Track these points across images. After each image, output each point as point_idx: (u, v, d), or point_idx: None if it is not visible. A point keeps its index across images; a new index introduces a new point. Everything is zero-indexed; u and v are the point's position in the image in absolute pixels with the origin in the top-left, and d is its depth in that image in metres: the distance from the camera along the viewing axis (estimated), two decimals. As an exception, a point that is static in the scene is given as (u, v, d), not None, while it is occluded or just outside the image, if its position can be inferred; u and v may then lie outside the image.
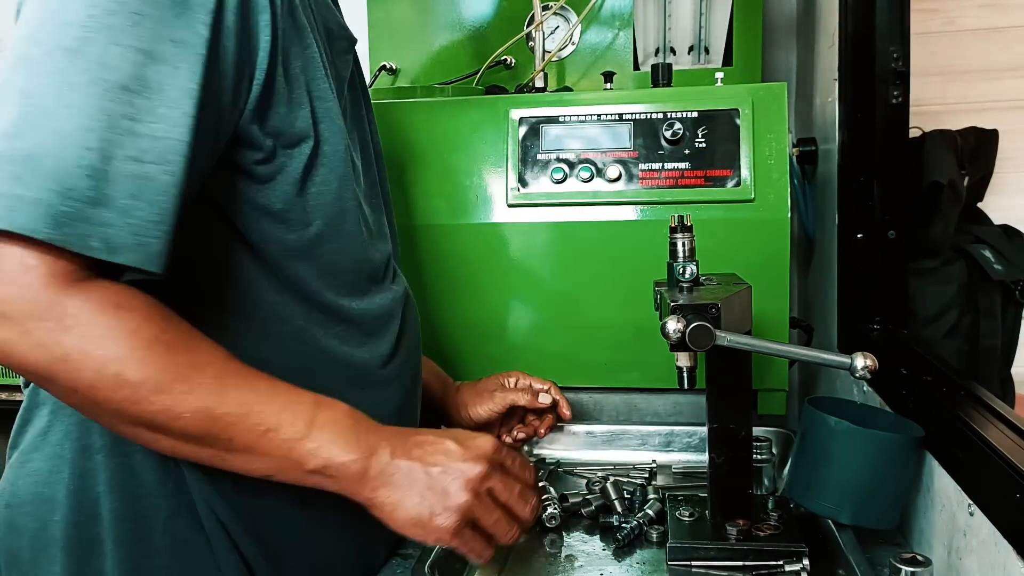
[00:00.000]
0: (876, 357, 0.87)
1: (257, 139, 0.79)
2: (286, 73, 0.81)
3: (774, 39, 1.79)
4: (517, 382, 1.26)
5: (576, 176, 1.29)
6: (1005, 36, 1.94)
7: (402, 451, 0.80)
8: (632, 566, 0.98)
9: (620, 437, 1.31)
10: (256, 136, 0.79)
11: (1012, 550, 0.69)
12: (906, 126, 1.21)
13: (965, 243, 1.55)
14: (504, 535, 0.84)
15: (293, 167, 0.82)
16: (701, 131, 1.27)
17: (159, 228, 0.70)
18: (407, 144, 1.35)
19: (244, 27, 0.75)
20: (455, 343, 1.35)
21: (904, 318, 1.25)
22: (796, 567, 0.90)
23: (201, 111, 0.72)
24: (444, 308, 1.34)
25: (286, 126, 0.81)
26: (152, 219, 0.69)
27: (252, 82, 0.78)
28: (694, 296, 0.94)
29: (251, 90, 0.78)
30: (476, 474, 0.81)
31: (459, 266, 1.34)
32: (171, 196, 0.70)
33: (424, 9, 1.64)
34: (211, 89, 0.73)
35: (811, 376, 1.59)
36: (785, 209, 1.24)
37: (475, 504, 0.81)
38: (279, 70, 0.79)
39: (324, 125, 0.85)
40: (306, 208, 0.85)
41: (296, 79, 0.82)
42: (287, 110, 0.81)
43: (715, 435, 0.98)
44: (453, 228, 1.33)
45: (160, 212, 0.70)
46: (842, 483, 0.95)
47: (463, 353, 1.35)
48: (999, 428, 0.83)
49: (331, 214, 0.87)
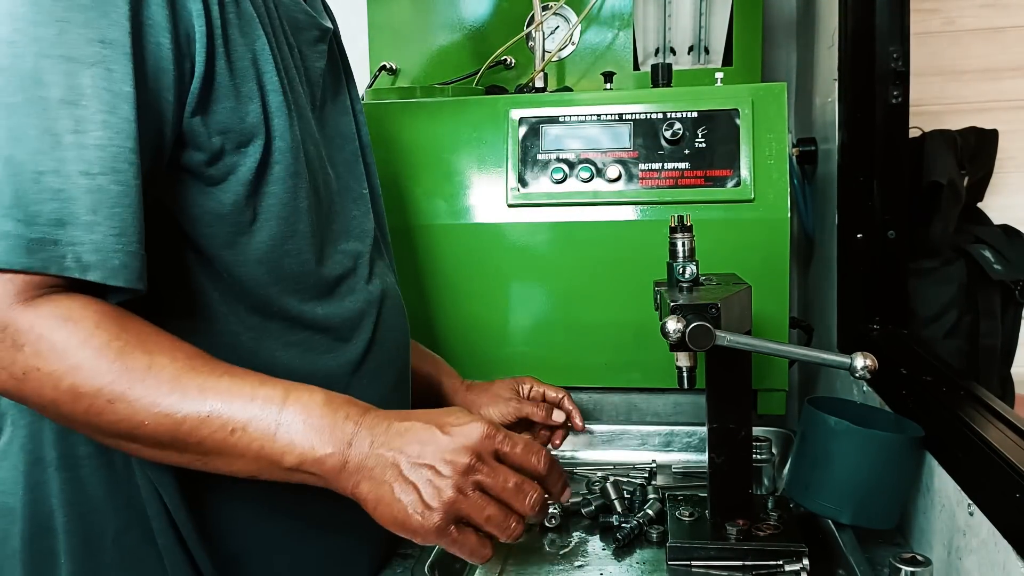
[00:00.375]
0: (876, 357, 0.87)
1: (202, 138, 0.76)
2: (231, 66, 0.77)
3: (774, 39, 1.79)
4: (531, 390, 1.22)
5: (576, 176, 1.29)
6: (1005, 36, 1.94)
7: (383, 440, 0.73)
8: (632, 566, 0.98)
9: (620, 437, 1.31)
10: (201, 135, 0.76)
11: (1012, 550, 0.69)
12: (906, 126, 1.21)
13: (965, 243, 1.55)
14: (502, 532, 0.74)
15: (245, 167, 0.79)
16: (701, 131, 1.27)
17: (119, 241, 0.68)
18: (407, 144, 1.35)
19: (173, 18, 0.73)
20: (455, 343, 1.35)
21: (904, 318, 1.25)
22: (796, 567, 0.90)
23: (141, 113, 0.70)
24: (444, 308, 1.34)
25: (234, 122, 0.78)
26: (111, 232, 0.68)
27: (193, 76, 0.75)
28: (694, 296, 0.94)
29: (192, 84, 0.75)
30: (460, 467, 0.72)
31: (459, 266, 1.34)
32: (126, 206, 0.69)
33: (424, 9, 1.64)
34: (149, 88, 0.71)
35: (811, 376, 1.59)
36: (785, 209, 1.24)
37: (461, 500, 0.72)
38: (220, 62, 0.76)
39: (277, 121, 0.81)
40: (258, 210, 0.81)
41: (244, 72, 0.79)
42: (234, 105, 0.78)
43: (715, 435, 0.98)
44: (453, 228, 1.33)
45: (119, 224, 0.69)
46: (842, 483, 0.95)
47: (463, 353, 1.35)
48: (999, 428, 0.83)
49: (285, 216, 0.83)
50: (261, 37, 0.81)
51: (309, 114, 0.90)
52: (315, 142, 0.90)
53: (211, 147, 0.77)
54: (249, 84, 0.79)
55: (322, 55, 0.95)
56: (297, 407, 0.72)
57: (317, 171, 0.89)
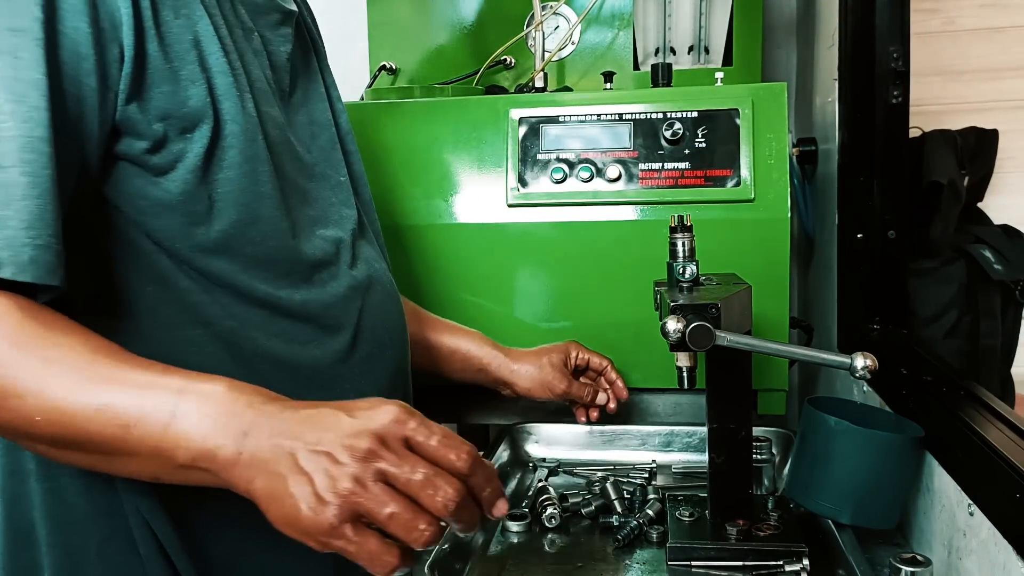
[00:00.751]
0: (876, 357, 0.87)
1: (141, 125, 0.74)
2: (165, 48, 0.74)
3: (774, 39, 1.79)
4: (577, 357, 1.24)
5: (576, 176, 1.29)
6: (1005, 36, 1.94)
7: (282, 428, 0.64)
8: (632, 566, 0.98)
9: (620, 437, 1.31)
10: (139, 122, 0.74)
11: (1012, 550, 0.69)
12: (906, 126, 1.21)
13: (965, 243, 1.55)
14: (408, 534, 0.63)
15: (192, 154, 0.76)
16: (701, 131, 1.27)
17: (28, 234, 0.65)
18: (407, 144, 1.35)
19: (93, 1, 0.70)
20: (455, 343, 1.35)
21: (904, 318, 1.25)
22: (796, 567, 0.90)
23: (56, 100, 0.67)
24: (444, 308, 1.34)
25: (175, 107, 0.75)
26: (20, 226, 0.65)
27: (123, 60, 0.72)
28: (694, 296, 0.94)
29: (122, 68, 0.72)
30: (360, 452, 0.62)
31: (459, 266, 1.33)
32: (35, 197, 0.65)
33: (424, 9, 1.64)
34: (65, 74, 0.69)
35: (811, 376, 1.59)
36: (785, 209, 1.24)
37: (359, 492, 0.61)
38: (152, 45, 0.73)
39: (226, 104, 0.78)
40: (212, 198, 0.78)
41: (183, 54, 0.76)
42: (173, 88, 0.75)
43: (715, 435, 0.98)
44: (453, 228, 1.33)
45: (28, 217, 0.65)
46: (842, 483, 0.95)
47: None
48: (999, 428, 0.83)
49: (245, 202, 0.80)
50: (203, 18, 0.78)
51: (272, 98, 0.88)
52: (279, 125, 0.87)
53: (152, 134, 0.74)
54: (190, 67, 0.76)
55: (287, 39, 0.93)
56: (194, 396, 0.65)
57: (282, 154, 0.87)
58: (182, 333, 0.78)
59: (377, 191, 1.34)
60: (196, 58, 0.77)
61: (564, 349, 1.24)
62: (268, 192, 0.82)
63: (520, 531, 1.05)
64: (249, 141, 0.80)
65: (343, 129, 1.02)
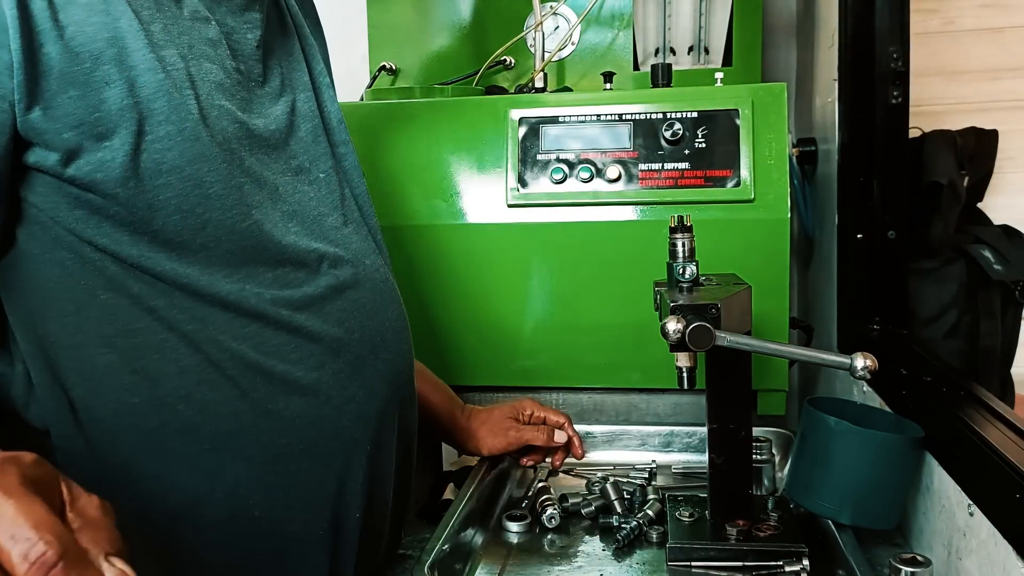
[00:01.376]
0: (876, 357, 0.87)
1: (48, 135, 0.69)
2: (72, 50, 0.69)
3: (774, 39, 1.79)
4: (532, 416, 1.22)
5: (576, 176, 1.29)
6: (1005, 36, 1.94)
7: None
8: (632, 566, 0.98)
9: (620, 437, 1.31)
10: (46, 131, 0.69)
11: (1012, 550, 0.69)
12: (906, 126, 1.21)
13: (965, 243, 1.55)
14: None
15: (117, 163, 0.71)
16: (701, 131, 1.27)
17: None
18: (407, 144, 1.35)
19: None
20: (455, 344, 1.35)
21: (904, 318, 1.25)
22: (796, 567, 0.90)
23: None
24: (444, 309, 1.34)
25: (86, 112, 0.70)
26: None
27: (12, 66, 0.67)
28: (694, 296, 0.94)
29: (13, 76, 0.67)
30: None
31: (459, 267, 1.33)
32: None
33: (424, 9, 1.64)
34: None
35: (811, 376, 1.59)
36: (785, 209, 1.24)
37: None
38: (53, 47, 0.68)
39: (158, 103, 0.72)
40: (154, 205, 0.73)
41: (95, 55, 0.70)
42: (82, 92, 0.69)
43: (715, 435, 0.98)
44: (453, 228, 1.33)
45: None
46: (842, 483, 0.95)
47: (463, 354, 1.35)
48: (999, 428, 0.83)
49: (189, 207, 0.74)
50: (126, 14, 0.72)
51: (234, 89, 0.82)
52: (237, 119, 0.81)
53: (63, 144, 0.69)
54: (106, 67, 0.70)
55: (255, 24, 0.87)
56: None
57: (242, 150, 0.80)
58: (147, 339, 0.75)
59: (377, 191, 1.34)
60: (114, 57, 0.71)
61: (516, 405, 1.24)
62: (218, 193, 0.76)
63: (520, 531, 1.05)
64: (190, 141, 0.74)
65: (329, 119, 0.95)
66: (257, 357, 0.79)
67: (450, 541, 0.95)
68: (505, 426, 1.20)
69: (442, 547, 0.93)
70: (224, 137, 0.78)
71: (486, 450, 1.19)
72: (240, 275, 0.79)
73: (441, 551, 0.93)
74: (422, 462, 1.43)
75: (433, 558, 0.92)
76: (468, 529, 1.01)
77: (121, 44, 0.71)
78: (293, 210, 0.85)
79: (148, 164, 0.72)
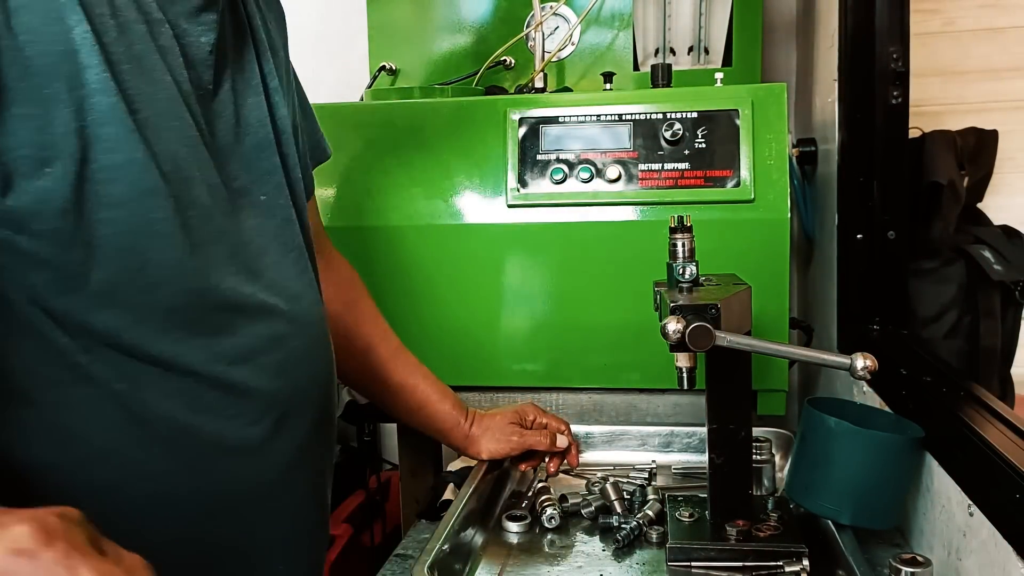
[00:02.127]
0: (876, 357, 0.87)
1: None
2: (23, 60, 0.62)
3: (774, 39, 1.79)
4: (534, 421, 1.22)
5: (576, 177, 1.29)
6: (1005, 36, 1.94)
7: None
8: (632, 566, 0.98)
9: (620, 437, 1.31)
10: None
11: (1012, 550, 0.69)
12: (906, 126, 1.21)
13: (965, 243, 1.55)
14: None
15: (58, 193, 0.64)
16: (701, 131, 1.27)
17: None
18: (407, 145, 1.35)
19: None
20: (455, 344, 1.35)
21: (904, 318, 1.25)
22: (796, 568, 0.90)
23: None
24: (443, 309, 1.34)
25: (31, 134, 0.62)
26: None
27: None
28: (694, 296, 0.94)
29: None
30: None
31: (459, 267, 1.33)
32: None
33: (424, 9, 1.64)
34: None
35: (811, 376, 1.59)
36: (785, 209, 1.24)
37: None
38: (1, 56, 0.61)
39: (107, 129, 0.65)
40: (92, 243, 0.66)
41: (47, 69, 0.63)
42: (31, 111, 0.62)
43: (715, 435, 0.98)
44: (453, 228, 1.33)
45: None
46: (842, 483, 0.94)
47: (462, 354, 1.35)
48: (999, 428, 0.83)
49: (131, 245, 0.68)
50: (81, 23, 0.64)
51: (186, 103, 0.74)
52: (190, 143, 0.74)
53: (1, 169, 0.62)
54: (57, 84, 0.63)
55: (210, 27, 0.77)
56: None
57: (193, 178, 0.73)
58: (69, 394, 0.69)
59: (377, 191, 1.34)
60: (66, 74, 0.64)
61: (518, 409, 1.24)
62: (165, 231, 0.70)
63: (520, 531, 1.05)
64: (141, 172, 0.67)
65: (281, 127, 0.85)
66: (186, 417, 0.74)
67: (450, 541, 0.95)
68: (508, 431, 1.20)
69: (442, 547, 0.93)
70: (175, 165, 0.71)
71: (488, 454, 1.19)
72: (175, 324, 0.72)
73: (441, 551, 0.93)
74: (423, 462, 1.44)
75: (433, 558, 0.92)
76: (468, 529, 1.01)
77: (76, 59, 0.64)
78: (234, 248, 0.78)
79: (90, 196, 0.65)
